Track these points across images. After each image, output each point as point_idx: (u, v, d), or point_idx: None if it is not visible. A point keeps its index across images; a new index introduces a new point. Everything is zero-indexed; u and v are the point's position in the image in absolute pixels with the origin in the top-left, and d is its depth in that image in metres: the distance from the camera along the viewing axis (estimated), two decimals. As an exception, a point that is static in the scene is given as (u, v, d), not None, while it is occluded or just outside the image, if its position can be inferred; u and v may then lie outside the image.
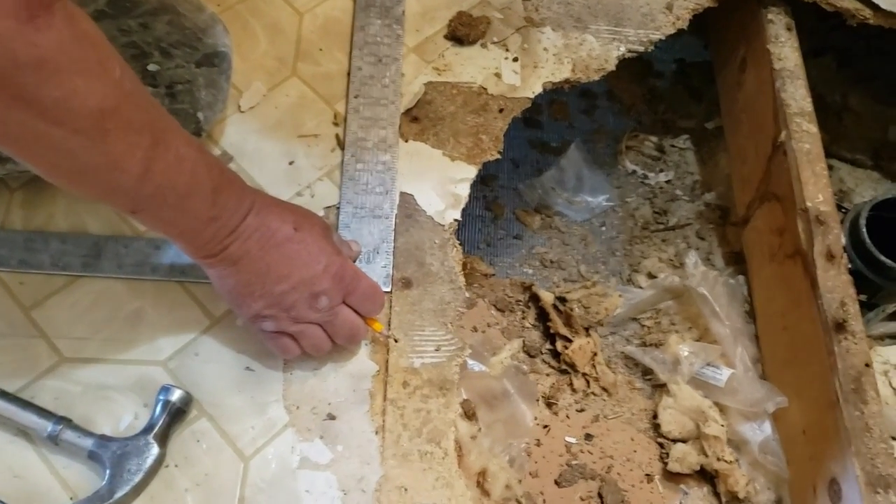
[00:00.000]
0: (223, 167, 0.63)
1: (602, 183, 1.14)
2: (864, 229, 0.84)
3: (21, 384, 0.69)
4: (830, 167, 1.17)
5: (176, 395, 0.67)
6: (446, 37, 0.91)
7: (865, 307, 0.87)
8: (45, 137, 0.50)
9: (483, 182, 1.13)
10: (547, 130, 1.21)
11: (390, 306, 0.75)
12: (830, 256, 0.82)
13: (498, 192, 1.14)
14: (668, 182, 1.16)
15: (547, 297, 0.98)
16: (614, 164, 1.18)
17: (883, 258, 0.82)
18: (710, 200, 1.11)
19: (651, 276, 1.05)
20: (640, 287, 1.03)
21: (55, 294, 0.73)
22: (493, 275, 1.04)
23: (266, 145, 0.83)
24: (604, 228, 1.12)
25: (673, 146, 1.20)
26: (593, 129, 1.22)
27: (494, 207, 1.12)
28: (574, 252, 1.09)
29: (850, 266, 0.82)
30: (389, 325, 0.74)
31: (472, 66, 0.90)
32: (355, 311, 0.70)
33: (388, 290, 0.76)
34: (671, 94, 1.25)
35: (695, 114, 1.22)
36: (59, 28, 0.47)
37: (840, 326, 0.78)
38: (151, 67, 0.74)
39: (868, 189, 1.16)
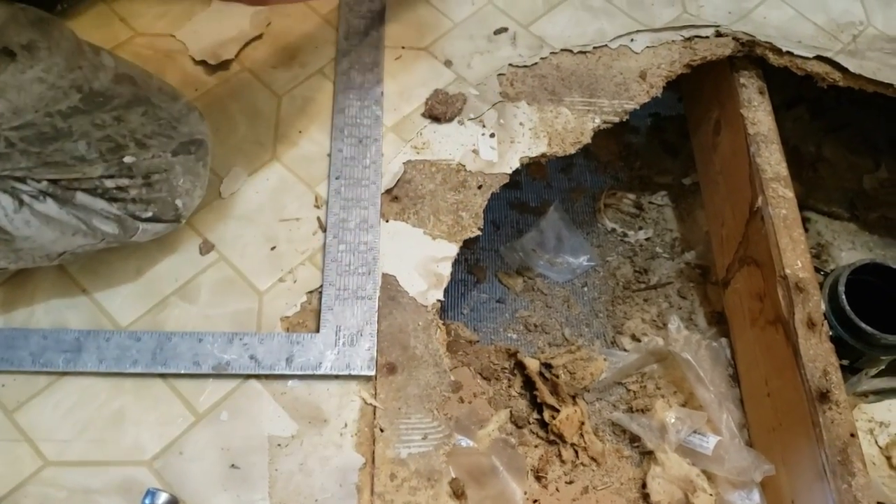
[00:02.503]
0: None
1: (582, 243, 1.15)
2: (844, 296, 0.85)
3: (4, 492, 0.68)
4: (808, 220, 1.18)
5: (162, 500, 0.66)
6: (424, 115, 0.92)
7: (848, 371, 0.88)
8: None
9: (464, 245, 1.13)
10: (526, 191, 1.22)
11: (375, 394, 0.75)
12: (811, 324, 0.83)
13: (479, 254, 1.15)
14: (647, 240, 1.17)
15: (532, 365, 0.98)
16: (593, 222, 1.19)
17: (863, 325, 0.83)
18: (689, 260, 1.12)
19: (634, 337, 1.05)
20: (625, 349, 1.03)
21: (37, 395, 0.73)
22: (478, 341, 1.04)
23: (247, 231, 0.83)
24: (586, 289, 1.12)
25: (651, 203, 1.21)
26: (571, 188, 1.23)
27: (476, 271, 1.13)
28: (557, 315, 1.09)
29: (830, 333, 0.83)
30: (375, 413, 0.74)
31: (450, 144, 0.90)
32: None
33: (373, 374, 0.76)
34: (647, 149, 1.27)
35: (671, 169, 1.23)
36: None
37: (824, 396, 0.79)
38: (128, 160, 0.73)
39: (846, 241, 1.17)
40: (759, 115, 0.97)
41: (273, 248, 0.83)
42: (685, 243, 1.15)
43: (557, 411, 0.94)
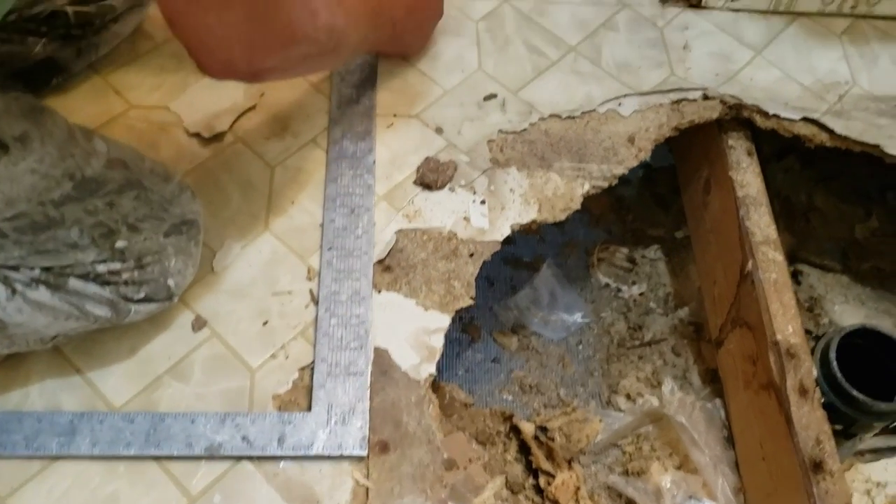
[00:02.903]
0: None
1: (576, 300, 1.15)
2: (835, 363, 0.85)
3: (-3, 582, 0.68)
4: (801, 273, 1.19)
5: (155, 590, 0.66)
6: (415, 183, 0.92)
7: (842, 436, 0.88)
8: None
9: (458, 305, 1.14)
10: (519, 245, 1.22)
11: (367, 474, 0.75)
12: (803, 391, 0.83)
13: (474, 312, 1.15)
14: (641, 295, 1.17)
15: (527, 430, 0.98)
16: (587, 277, 1.20)
17: (856, 393, 0.83)
18: (683, 316, 1.12)
19: (629, 397, 1.05)
20: (620, 409, 1.04)
21: (31, 480, 0.73)
22: (473, 404, 1.04)
23: (240, 306, 0.84)
24: (580, 347, 1.13)
25: (644, 257, 1.22)
26: (564, 242, 1.24)
27: (471, 330, 1.13)
28: (552, 374, 1.09)
29: (823, 400, 0.83)
30: (367, 494, 0.74)
31: (442, 211, 0.91)
32: None
33: (365, 454, 0.76)
34: (639, 202, 1.27)
35: (663, 222, 1.24)
36: None
37: (817, 466, 0.79)
38: (119, 244, 0.74)
39: (839, 294, 1.17)
40: (747, 176, 0.98)
41: (265, 323, 0.83)
42: (678, 299, 1.16)
43: (553, 477, 0.94)
